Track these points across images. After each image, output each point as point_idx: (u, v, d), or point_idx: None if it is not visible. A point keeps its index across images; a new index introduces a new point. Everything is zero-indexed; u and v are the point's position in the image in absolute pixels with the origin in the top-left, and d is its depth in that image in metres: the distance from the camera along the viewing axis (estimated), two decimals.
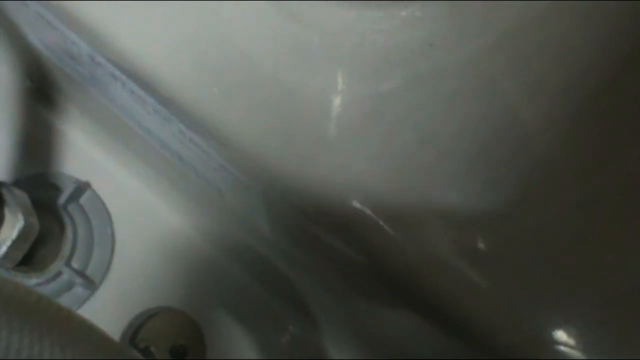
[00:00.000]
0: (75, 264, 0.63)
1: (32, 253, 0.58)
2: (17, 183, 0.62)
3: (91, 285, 0.63)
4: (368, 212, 0.41)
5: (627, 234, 0.43)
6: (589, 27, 0.41)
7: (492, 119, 0.41)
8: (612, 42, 0.42)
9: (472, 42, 0.40)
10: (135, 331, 0.63)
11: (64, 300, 0.62)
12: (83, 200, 0.64)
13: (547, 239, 0.42)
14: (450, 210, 0.41)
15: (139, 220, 0.64)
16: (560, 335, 0.42)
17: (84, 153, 0.64)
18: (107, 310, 0.63)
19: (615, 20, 0.42)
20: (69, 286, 0.62)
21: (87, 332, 0.33)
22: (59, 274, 0.62)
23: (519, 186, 0.42)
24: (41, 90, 0.63)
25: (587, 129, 0.42)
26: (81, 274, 0.62)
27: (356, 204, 0.41)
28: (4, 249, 0.53)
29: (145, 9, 0.42)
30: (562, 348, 0.42)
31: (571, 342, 0.42)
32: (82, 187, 0.63)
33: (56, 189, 0.63)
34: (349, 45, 0.41)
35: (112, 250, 0.64)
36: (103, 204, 0.64)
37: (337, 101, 0.41)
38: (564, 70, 0.41)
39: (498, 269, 0.42)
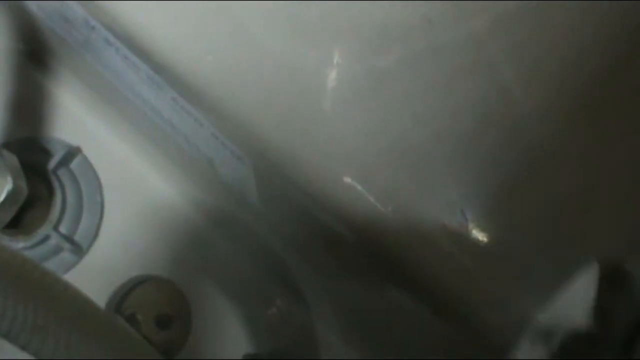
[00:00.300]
0: (63, 229, 0.62)
1: (20, 216, 0.57)
2: (7, 146, 0.61)
3: (79, 250, 0.62)
4: (359, 187, 0.41)
5: (619, 221, 0.43)
6: (590, 12, 0.41)
7: (488, 100, 0.41)
8: (613, 28, 0.42)
9: (470, 21, 0.40)
10: (121, 298, 0.62)
11: (51, 265, 0.62)
12: (73, 165, 0.63)
13: (539, 222, 0.42)
14: (441, 191, 0.41)
15: (129, 187, 0.64)
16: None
17: (76, 118, 0.64)
18: (93, 276, 0.62)
19: (616, 6, 0.42)
20: (56, 251, 0.62)
21: (72, 297, 0.33)
22: (46, 238, 0.61)
23: (512, 169, 0.42)
24: (34, 54, 0.63)
25: (583, 114, 0.42)
26: (69, 239, 0.62)
27: (348, 179, 0.41)
28: None
29: None
30: None
31: None
32: (72, 152, 0.63)
33: (46, 153, 0.63)
34: (347, 19, 0.40)
35: (101, 217, 0.64)
36: (93, 170, 0.64)
37: (333, 75, 0.41)
38: (562, 55, 0.41)
39: (486, 251, 0.42)
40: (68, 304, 0.32)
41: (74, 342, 0.31)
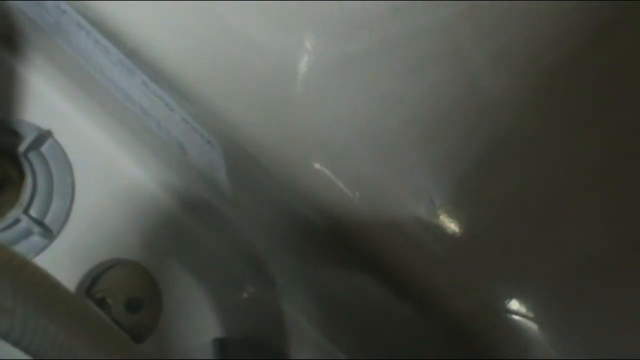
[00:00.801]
0: (33, 213, 0.62)
1: None
2: None
3: (49, 234, 0.62)
4: (329, 173, 0.41)
5: (586, 207, 0.43)
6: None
7: (457, 86, 0.41)
8: (581, 15, 0.42)
9: (438, 9, 0.40)
10: (92, 282, 0.63)
11: (21, 248, 0.62)
12: (44, 148, 0.63)
13: (507, 209, 0.43)
14: (410, 176, 0.42)
15: (100, 171, 0.64)
16: (514, 304, 0.42)
17: (47, 101, 0.64)
18: (64, 260, 0.62)
19: None
20: (27, 234, 0.62)
21: (40, 280, 0.33)
22: (16, 221, 0.61)
23: (481, 154, 0.42)
24: (5, 36, 0.62)
25: (550, 100, 0.42)
26: (39, 222, 0.62)
27: (317, 165, 0.41)
28: None
29: None
30: (515, 317, 0.42)
31: (524, 311, 0.42)
32: (43, 136, 0.63)
33: (17, 136, 0.63)
34: (317, 5, 0.41)
35: (72, 200, 0.63)
36: (64, 153, 0.64)
37: (303, 61, 0.41)
38: (530, 41, 0.41)
39: (454, 236, 0.42)
40: (36, 287, 0.32)
41: (42, 325, 0.31)
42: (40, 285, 0.32)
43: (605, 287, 0.43)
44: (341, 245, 0.45)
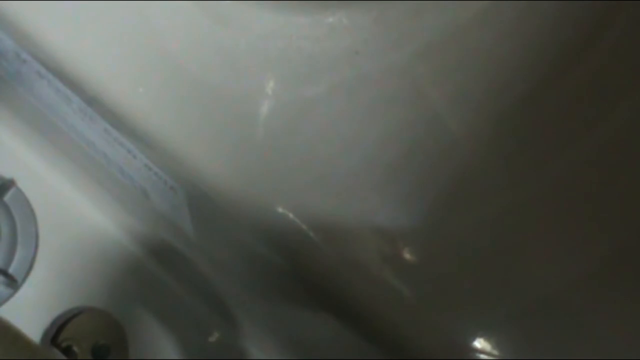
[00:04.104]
0: None
1: None
2: None
3: (13, 283, 0.62)
4: (291, 216, 0.42)
5: (546, 243, 0.44)
6: (513, 39, 0.42)
7: (415, 127, 0.42)
8: (535, 55, 0.42)
9: (396, 51, 0.41)
10: (57, 330, 0.62)
11: None
12: (7, 198, 0.63)
13: (468, 248, 0.43)
14: (372, 217, 0.42)
15: (64, 219, 0.63)
16: (478, 342, 0.42)
17: (9, 150, 0.63)
18: (29, 309, 0.62)
19: (538, 36, 0.43)
20: None
21: (2, 331, 0.32)
22: None
23: (441, 195, 0.42)
24: None
25: (508, 139, 0.43)
26: (3, 272, 0.61)
27: (279, 208, 0.42)
28: None
29: (71, 8, 0.41)
30: (480, 355, 0.42)
31: (489, 349, 0.42)
32: (6, 185, 0.63)
33: None
34: (276, 50, 0.41)
35: (36, 249, 0.63)
36: (28, 202, 0.64)
37: (263, 105, 0.41)
38: (487, 81, 0.42)
39: (418, 276, 0.42)
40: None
41: None
42: (2, 336, 0.32)
43: (571, 323, 0.43)
44: (306, 287, 0.45)
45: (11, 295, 0.62)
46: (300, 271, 0.44)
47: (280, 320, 0.57)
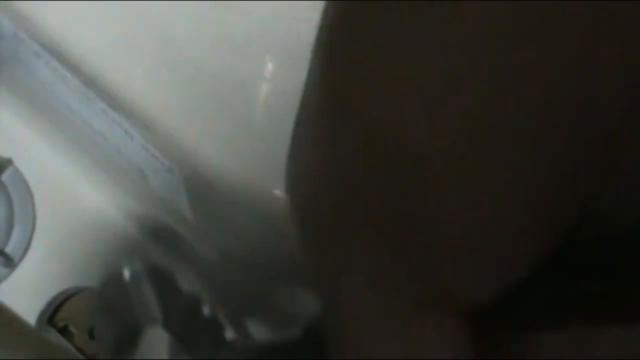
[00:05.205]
0: None
1: None
2: None
3: (10, 263, 0.62)
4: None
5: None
6: None
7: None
8: None
9: None
10: (54, 310, 0.62)
11: None
12: (4, 177, 0.63)
13: None
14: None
15: (61, 199, 0.63)
16: None
17: (6, 129, 0.63)
18: (25, 289, 0.62)
19: None
20: None
21: None
22: None
23: None
24: None
25: None
26: (0, 251, 0.61)
27: (277, 191, 0.42)
28: None
29: None
30: None
31: None
32: (3, 164, 0.62)
33: None
34: (277, 32, 0.41)
35: (33, 229, 0.63)
36: (25, 181, 0.63)
37: (263, 89, 0.41)
38: None
39: None
40: None
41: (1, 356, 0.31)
42: None
43: None
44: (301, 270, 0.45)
45: (8, 275, 0.62)
46: (298, 255, 0.44)
47: (273, 303, 0.57)
